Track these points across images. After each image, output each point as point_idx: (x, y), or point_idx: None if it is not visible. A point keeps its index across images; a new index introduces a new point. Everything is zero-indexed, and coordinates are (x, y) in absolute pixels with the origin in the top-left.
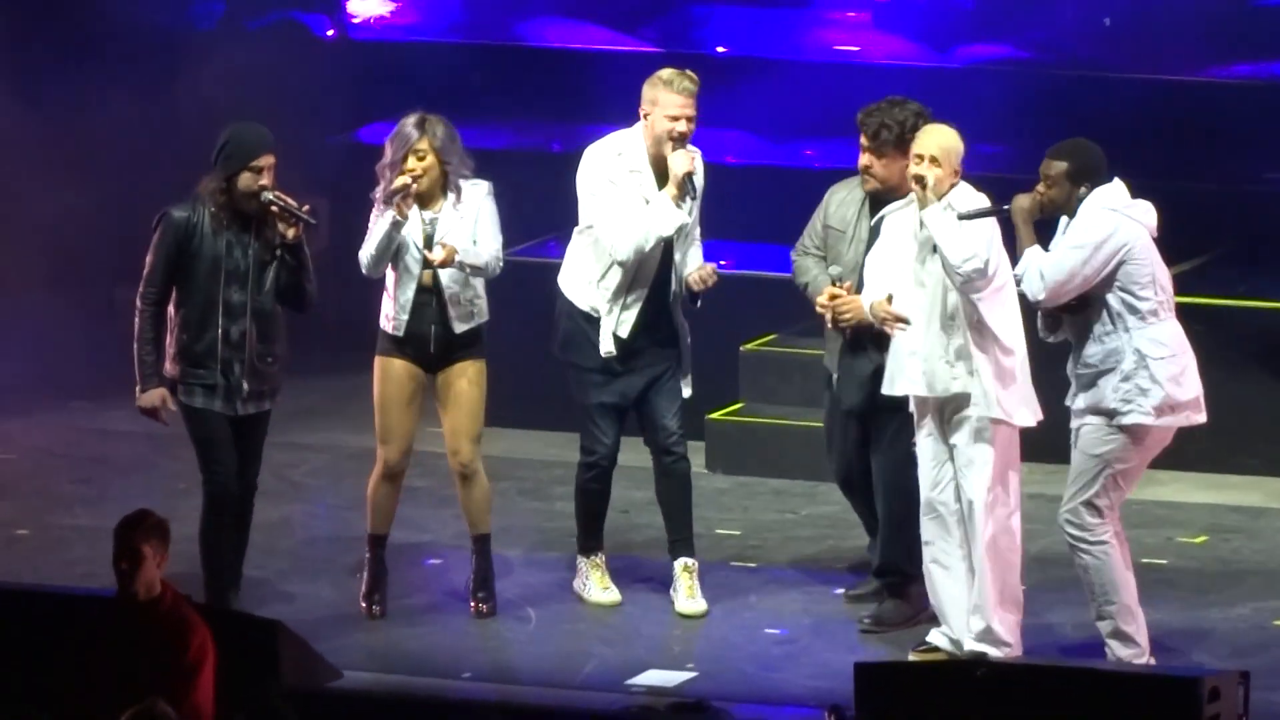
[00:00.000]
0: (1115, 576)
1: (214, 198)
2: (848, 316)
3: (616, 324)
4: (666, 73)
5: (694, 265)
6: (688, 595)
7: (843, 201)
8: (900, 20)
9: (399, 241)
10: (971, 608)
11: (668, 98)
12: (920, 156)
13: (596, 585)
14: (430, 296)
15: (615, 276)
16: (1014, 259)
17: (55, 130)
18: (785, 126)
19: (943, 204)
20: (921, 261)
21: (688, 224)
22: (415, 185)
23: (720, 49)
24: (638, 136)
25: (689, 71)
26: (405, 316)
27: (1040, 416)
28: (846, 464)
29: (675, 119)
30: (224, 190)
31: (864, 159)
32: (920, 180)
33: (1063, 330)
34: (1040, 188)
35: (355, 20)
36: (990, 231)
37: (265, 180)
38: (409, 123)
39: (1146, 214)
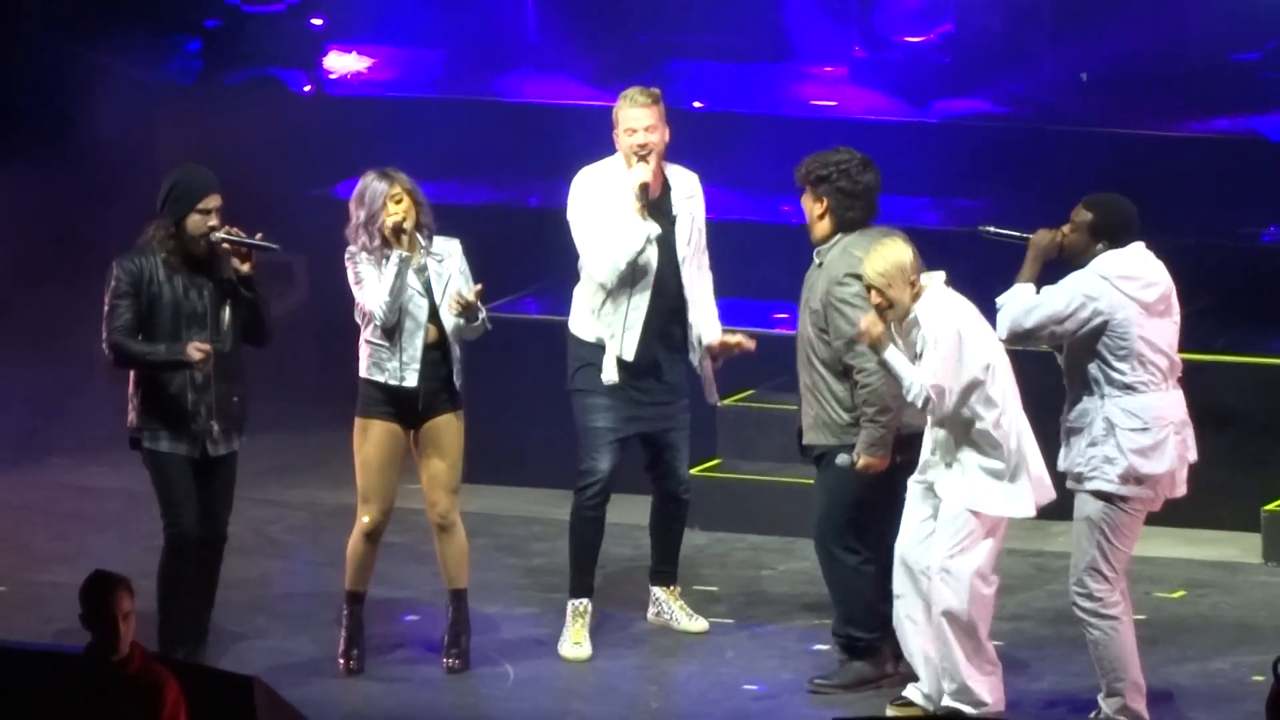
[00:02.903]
0: (1125, 652)
1: (164, 243)
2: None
3: (621, 348)
4: (627, 91)
5: (702, 296)
6: (686, 613)
7: None
8: (877, 75)
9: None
10: (940, 670)
11: (624, 114)
12: (870, 288)
13: (569, 638)
14: (437, 352)
15: (612, 301)
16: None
17: (34, 185)
18: (762, 182)
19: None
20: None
21: (654, 234)
22: (407, 222)
23: (697, 104)
24: (618, 160)
25: (651, 88)
26: (416, 367)
27: (1035, 505)
28: None
29: (633, 131)
30: (173, 235)
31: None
32: (865, 335)
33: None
34: (1065, 228)
35: (332, 76)
36: (961, 352)
37: (214, 221)
38: (372, 177)
39: (1143, 290)
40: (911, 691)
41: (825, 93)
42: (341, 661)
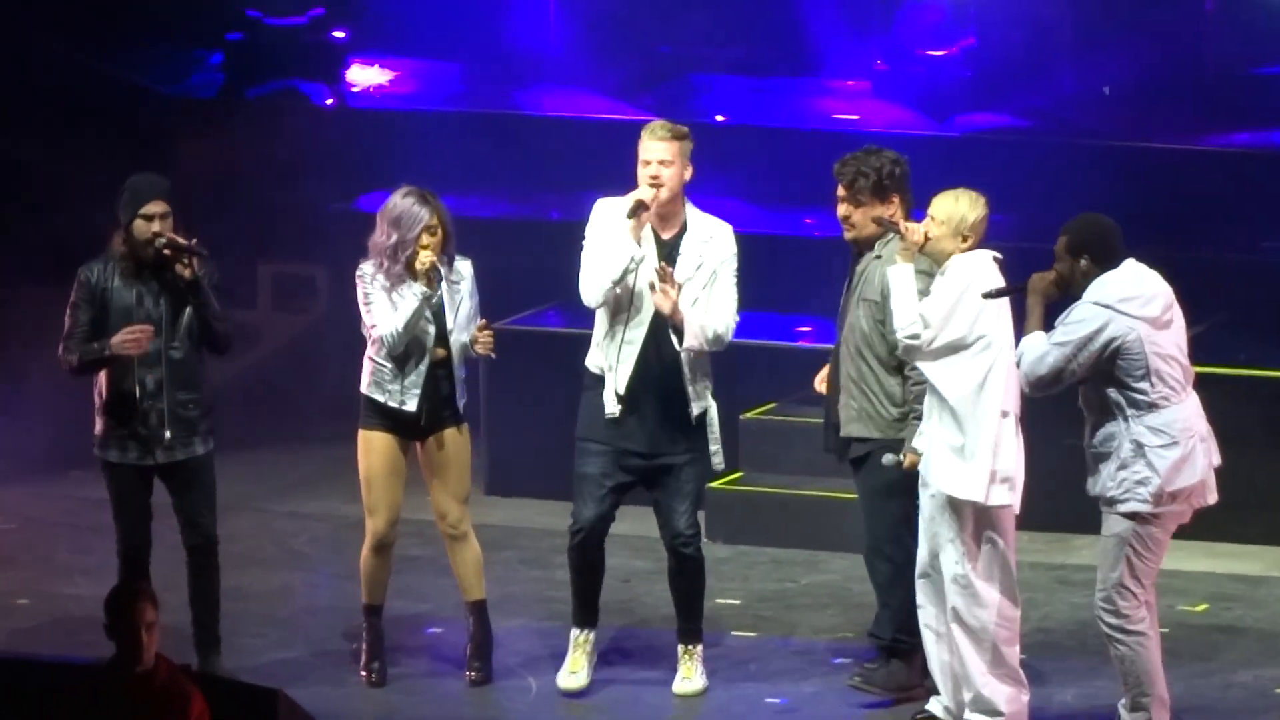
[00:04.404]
0: (1151, 667)
1: (116, 251)
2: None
3: (615, 381)
4: (650, 123)
5: (703, 316)
6: (684, 676)
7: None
8: (899, 89)
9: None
10: (960, 679)
11: (643, 146)
12: (928, 215)
13: (566, 668)
14: (444, 371)
15: (609, 333)
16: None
17: (55, 197)
18: (785, 195)
19: (918, 265)
20: None
21: (639, 257)
22: (438, 260)
23: (719, 117)
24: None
25: (673, 124)
26: (417, 391)
27: (986, 495)
28: None
29: (646, 163)
30: (125, 241)
31: (842, 209)
32: (898, 228)
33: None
34: (1054, 265)
35: (354, 89)
36: (957, 308)
37: (157, 227)
38: (411, 200)
39: (1145, 306)
40: (933, 705)
41: (847, 106)
42: (363, 674)
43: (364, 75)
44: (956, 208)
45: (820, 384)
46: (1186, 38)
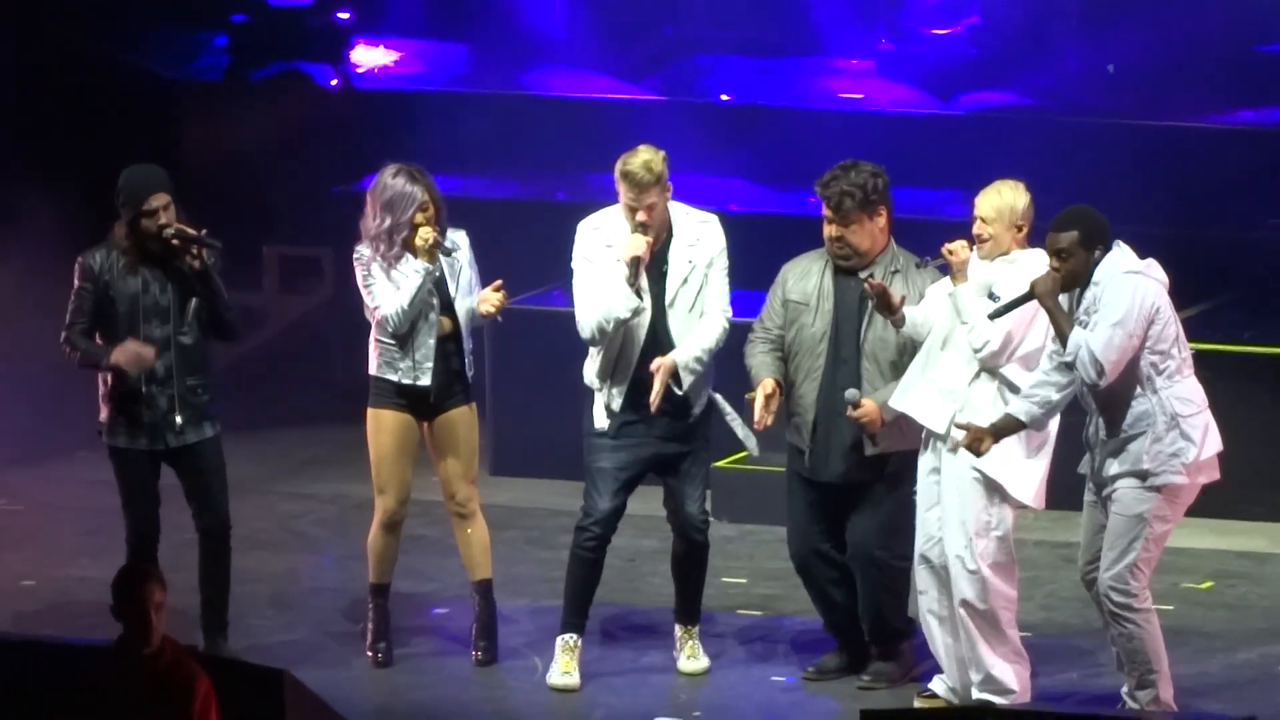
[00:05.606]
0: (1157, 644)
1: (120, 243)
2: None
3: (609, 397)
4: (624, 162)
5: (688, 337)
6: (689, 655)
7: (803, 274)
8: (904, 68)
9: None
10: (966, 660)
11: (621, 189)
12: (977, 218)
13: (559, 668)
14: (451, 345)
15: (603, 351)
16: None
17: (61, 181)
18: (789, 174)
19: (1006, 261)
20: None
21: (641, 309)
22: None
23: (725, 97)
24: (619, 211)
25: (650, 160)
26: (429, 365)
27: (1042, 505)
28: (808, 546)
29: (633, 210)
30: (129, 235)
31: (832, 230)
32: (953, 254)
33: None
34: (1054, 263)
35: (359, 70)
36: (1020, 314)
37: (163, 219)
38: (402, 180)
39: (1160, 271)
40: (936, 684)
41: (852, 85)
42: (370, 654)
43: (369, 56)
44: (1003, 200)
45: (770, 419)
46: (1191, 15)
